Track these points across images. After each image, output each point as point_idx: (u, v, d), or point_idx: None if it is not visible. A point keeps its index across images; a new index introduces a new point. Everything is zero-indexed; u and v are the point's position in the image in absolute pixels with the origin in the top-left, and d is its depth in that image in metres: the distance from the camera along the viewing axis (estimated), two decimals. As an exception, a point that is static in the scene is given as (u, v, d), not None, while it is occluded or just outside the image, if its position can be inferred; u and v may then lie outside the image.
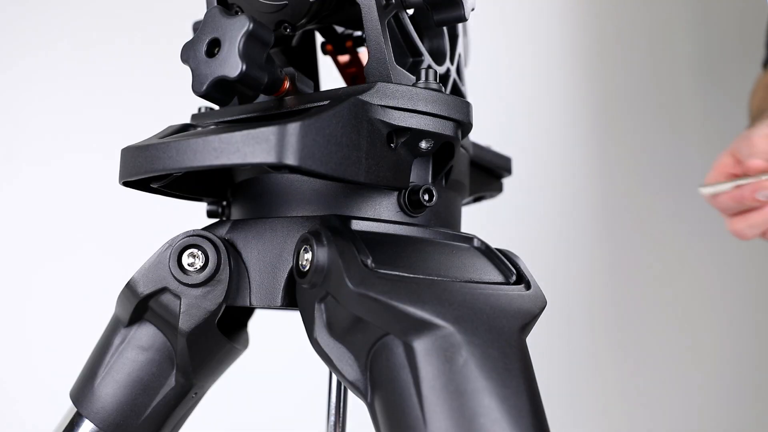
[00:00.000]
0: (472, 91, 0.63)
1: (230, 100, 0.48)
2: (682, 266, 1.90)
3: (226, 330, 0.57)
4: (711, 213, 1.90)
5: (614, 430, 1.77)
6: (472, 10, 0.53)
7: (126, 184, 0.53)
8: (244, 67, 0.45)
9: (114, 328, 0.57)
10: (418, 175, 0.53)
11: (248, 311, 0.64)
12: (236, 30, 0.46)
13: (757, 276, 1.97)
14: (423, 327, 0.43)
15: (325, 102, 0.49)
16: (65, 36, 1.25)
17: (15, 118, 1.22)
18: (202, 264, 0.52)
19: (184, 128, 0.56)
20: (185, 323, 0.52)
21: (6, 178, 1.22)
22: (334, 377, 0.62)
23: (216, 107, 0.59)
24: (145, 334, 0.55)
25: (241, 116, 0.55)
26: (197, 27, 0.59)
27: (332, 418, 0.62)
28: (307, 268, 0.47)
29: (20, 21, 1.23)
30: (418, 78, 0.51)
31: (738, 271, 1.95)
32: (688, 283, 1.90)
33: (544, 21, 1.78)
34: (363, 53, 0.65)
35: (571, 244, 1.73)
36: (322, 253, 0.46)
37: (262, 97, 0.55)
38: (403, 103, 0.49)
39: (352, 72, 0.66)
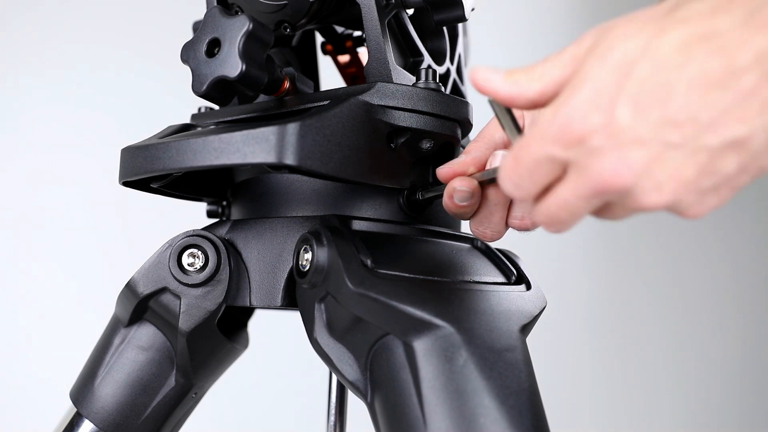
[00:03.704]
0: (472, 91, 0.63)
1: (230, 100, 0.48)
2: (682, 266, 1.90)
3: (226, 330, 0.57)
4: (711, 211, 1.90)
5: (614, 430, 1.77)
6: (472, 10, 0.53)
7: (126, 183, 0.53)
8: (244, 67, 0.45)
9: (114, 328, 0.57)
10: (418, 175, 0.53)
11: (248, 311, 0.64)
12: (236, 30, 0.46)
13: (755, 275, 1.97)
14: (423, 327, 0.43)
15: (326, 102, 0.49)
16: (65, 36, 1.25)
17: (15, 118, 1.22)
18: (202, 264, 0.52)
19: (184, 128, 0.56)
20: (185, 323, 0.52)
21: (6, 178, 1.22)
22: (334, 377, 0.62)
23: (216, 107, 0.59)
24: (145, 334, 0.55)
25: (241, 116, 0.55)
26: (197, 27, 0.59)
27: (332, 418, 0.62)
28: (307, 268, 0.47)
29: (21, 21, 1.23)
30: (418, 78, 0.51)
31: (736, 271, 1.95)
32: (688, 282, 1.90)
33: (544, 21, 1.78)
34: (363, 53, 0.65)
35: (572, 244, 1.73)
36: (322, 253, 0.46)
37: (262, 97, 0.55)
38: (403, 103, 0.49)
39: (352, 72, 0.66)
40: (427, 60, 0.55)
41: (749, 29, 0.32)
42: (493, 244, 0.54)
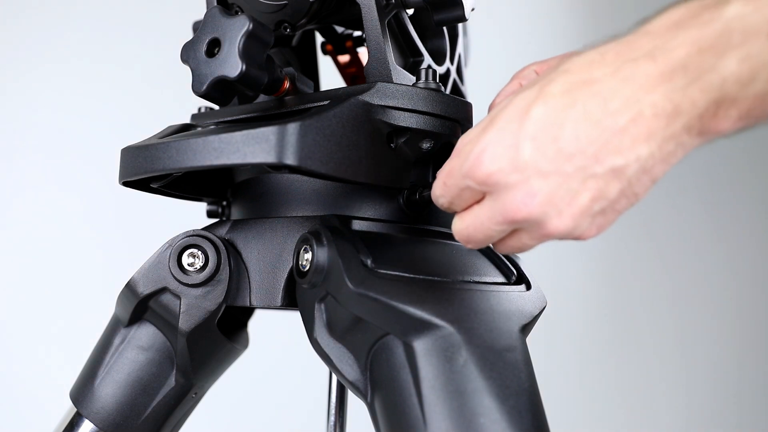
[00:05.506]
0: (472, 91, 0.63)
1: (230, 100, 0.48)
2: (682, 266, 1.90)
3: (226, 330, 0.57)
4: (710, 213, 1.91)
5: (614, 430, 1.77)
6: (472, 10, 0.53)
7: (126, 184, 0.53)
8: (244, 67, 0.45)
9: (114, 328, 0.57)
10: (418, 175, 0.53)
11: (248, 311, 0.64)
12: (236, 30, 0.46)
13: (755, 275, 1.97)
14: (423, 327, 0.43)
15: (326, 102, 0.49)
16: (65, 36, 1.25)
17: (16, 118, 1.22)
18: (202, 264, 0.52)
19: (184, 128, 0.56)
20: (185, 323, 0.52)
21: (6, 179, 1.22)
22: (334, 377, 0.62)
23: (216, 107, 0.59)
24: (145, 334, 0.55)
25: (241, 116, 0.55)
26: (197, 27, 0.59)
27: (332, 418, 0.62)
28: (307, 268, 0.47)
29: (21, 22, 1.23)
30: (418, 78, 0.51)
31: (736, 271, 1.95)
32: (688, 282, 1.90)
33: (544, 20, 1.78)
34: (363, 53, 0.65)
35: (571, 244, 1.73)
36: (322, 253, 0.46)
37: (262, 97, 0.55)
38: (403, 103, 0.49)
39: (352, 72, 0.66)
40: (427, 60, 0.55)
41: (617, 80, 0.37)
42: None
